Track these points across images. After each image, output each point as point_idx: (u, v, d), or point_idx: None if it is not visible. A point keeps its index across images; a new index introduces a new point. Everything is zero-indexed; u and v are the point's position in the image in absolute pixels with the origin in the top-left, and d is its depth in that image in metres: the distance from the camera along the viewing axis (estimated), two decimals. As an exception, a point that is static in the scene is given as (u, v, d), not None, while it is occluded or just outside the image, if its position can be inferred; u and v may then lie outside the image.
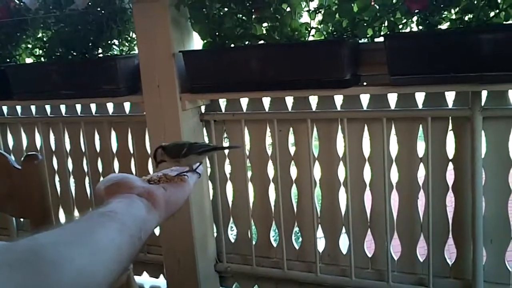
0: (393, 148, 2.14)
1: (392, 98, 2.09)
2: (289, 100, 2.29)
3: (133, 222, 0.66)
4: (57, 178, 2.96)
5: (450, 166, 2.07)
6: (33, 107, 2.93)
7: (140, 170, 2.63)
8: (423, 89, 1.91)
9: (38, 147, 2.92)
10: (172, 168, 0.89)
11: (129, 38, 2.46)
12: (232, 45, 2.13)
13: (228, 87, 2.16)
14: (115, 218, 0.64)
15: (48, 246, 0.53)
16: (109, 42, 2.45)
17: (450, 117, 2.03)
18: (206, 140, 2.47)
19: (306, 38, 2.01)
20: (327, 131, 2.24)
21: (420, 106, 2.06)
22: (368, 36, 1.94)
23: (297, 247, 2.42)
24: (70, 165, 2.89)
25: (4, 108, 3.01)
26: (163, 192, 0.75)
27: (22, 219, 2.98)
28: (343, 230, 2.31)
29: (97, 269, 0.56)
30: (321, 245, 2.37)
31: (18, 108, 2.97)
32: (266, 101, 2.34)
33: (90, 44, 2.43)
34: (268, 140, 2.38)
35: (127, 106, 2.67)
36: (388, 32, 1.88)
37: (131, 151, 2.68)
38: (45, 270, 0.50)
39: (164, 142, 1.08)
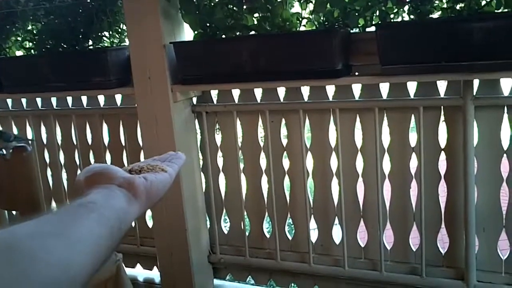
0: (386, 138, 2.14)
1: (384, 88, 2.09)
2: (281, 91, 2.28)
3: (112, 213, 0.65)
4: (49, 171, 2.94)
5: (443, 155, 2.07)
6: (23, 100, 2.91)
7: (132, 162, 2.59)
8: (414, 78, 1.91)
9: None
10: (154, 157, 0.88)
11: (119, 30, 2.44)
12: (223, 36, 2.12)
13: (220, 78, 2.15)
14: (94, 209, 0.63)
15: (25, 238, 0.52)
16: (100, 34, 2.44)
17: (442, 107, 2.03)
18: (198, 131, 2.47)
19: (297, 28, 2.01)
20: (319, 121, 2.23)
21: (412, 95, 2.06)
22: (359, 26, 1.93)
23: (290, 238, 2.42)
24: (62, 158, 2.87)
25: (-5, 101, 2.99)
26: (144, 182, 0.73)
27: (14, 212, 2.97)
28: (336, 220, 2.31)
29: (75, 260, 0.55)
30: (314, 235, 2.37)
31: (9, 101, 2.95)
32: (258, 92, 2.33)
33: (80, 36, 2.42)
34: (261, 131, 2.37)
35: (118, 98, 2.66)
36: (379, 22, 1.88)
37: (123, 144, 2.66)
38: (21, 262, 0.49)
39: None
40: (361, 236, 2.29)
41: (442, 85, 2.01)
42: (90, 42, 2.45)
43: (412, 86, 2.05)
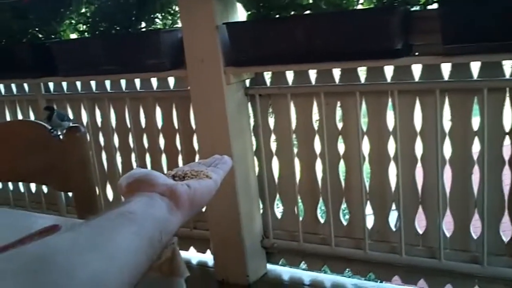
0: (447, 121, 2.06)
1: (446, 69, 2.01)
2: (337, 72, 2.23)
3: (153, 224, 0.62)
4: (104, 155, 2.97)
5: (507, 139, 1.98)
6: (78, 84, 2.94)
7: (185, 146, 2.62)
8: (479, 58, 1.84)
9: (85, 123, 2.93)
10: (199, 161, 0.83)
11: (172, 11, 2.43)
12: (277, 16, 2.08)
13: (274, 59, 2.12)
14: (133, 220, 0.60)
15: (59, 251, 0.50)
16: (152, 15, 2.43)
17: (507, 88, 1.94)
18: (251, 114, 2.45)
19: (355, 6, 1.96)
20: (376, 104, 2.17)
21: (475, 76, 1.97)
22: (420, 3, 1.87)
23: (345, 224, 2.38)
24: (116, 141, 2.90)
25: (51, 85, 3.03)
26: (187, 190, 0.69)
27: (70, 194, 3.01)
28: (393, 206, 2.25)
29: (112, 275, 0.53)
30: (369, 221, 2.32)
31: (64, 84, 2.98)
32: (313, 74, 2.28)
33: (133, 18, 2.42)
34: (315, 114, 2.32)
35: (171, 81, 2.65)
36: (442, -2, 1.80)
37: (176, 127, 2.66)
38: (54, 277, 0.47)
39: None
40: (419, 223, 2.23)
41: (507, 65, 1.92)
42: (143, 24, 2.45)
43: (475, 67, 1.97)
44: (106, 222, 0.59)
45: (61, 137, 1.34)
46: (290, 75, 2.34)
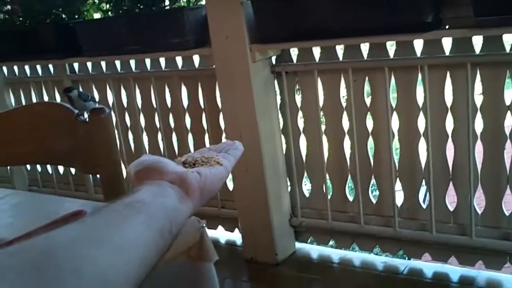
0: (478, 96, 2.02)
1: (478, 42, 1.97)
2: (365, 48, 2.19)
3: (162, 214, 0.60)
4: (130, 135, 2.97)
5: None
6: (103, 64, 2.93)
7: (211, 125, 2.61)
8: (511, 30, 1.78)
9: (110, 103, 2.93)
10: (210, 147, 0.81)
11: (195, -12, 2.41)
12: (304, -10, 2.04)
13: (300, 35, 2.09)
14: (142, 210, 0.58)
15: (65, 246, 0.48)
16: (176, -7, 2.42)
17: (542, 61, 1.88)
18: (278, 92, 2.43)
19: (383, -21, 1.91)
20: (406, 79, 2.14)
21: (508, 50, 1.93)
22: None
23: (374, 201, 2.35)
24: (142, 121, 2.89)
25: (75, 66, 3.03)
26: (197, 178, 0.66)
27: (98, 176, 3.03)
28: (423, 183, 2.22)
29: (121, 269, 0.51)
30: (399, 198, 2.28)
31: (89, 65, 2.98)
32: (340, 50, 2.25)
33: (156, -4, 2.40)
34: (343, 91, 2.29)
35: (196, 60, 2.63)
36: (474, -31, 1.75)
37: (202, 106, 2.64)
38: (58, 273, 0.45)
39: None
40: (450, 200, 2.19)
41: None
42: (167, 2, 2.43)
43: (508, 39, 1.92)
44: (113, 212, 0.57)
45: (87, 120, 1.33)
46: (317, 51, 2.31)
